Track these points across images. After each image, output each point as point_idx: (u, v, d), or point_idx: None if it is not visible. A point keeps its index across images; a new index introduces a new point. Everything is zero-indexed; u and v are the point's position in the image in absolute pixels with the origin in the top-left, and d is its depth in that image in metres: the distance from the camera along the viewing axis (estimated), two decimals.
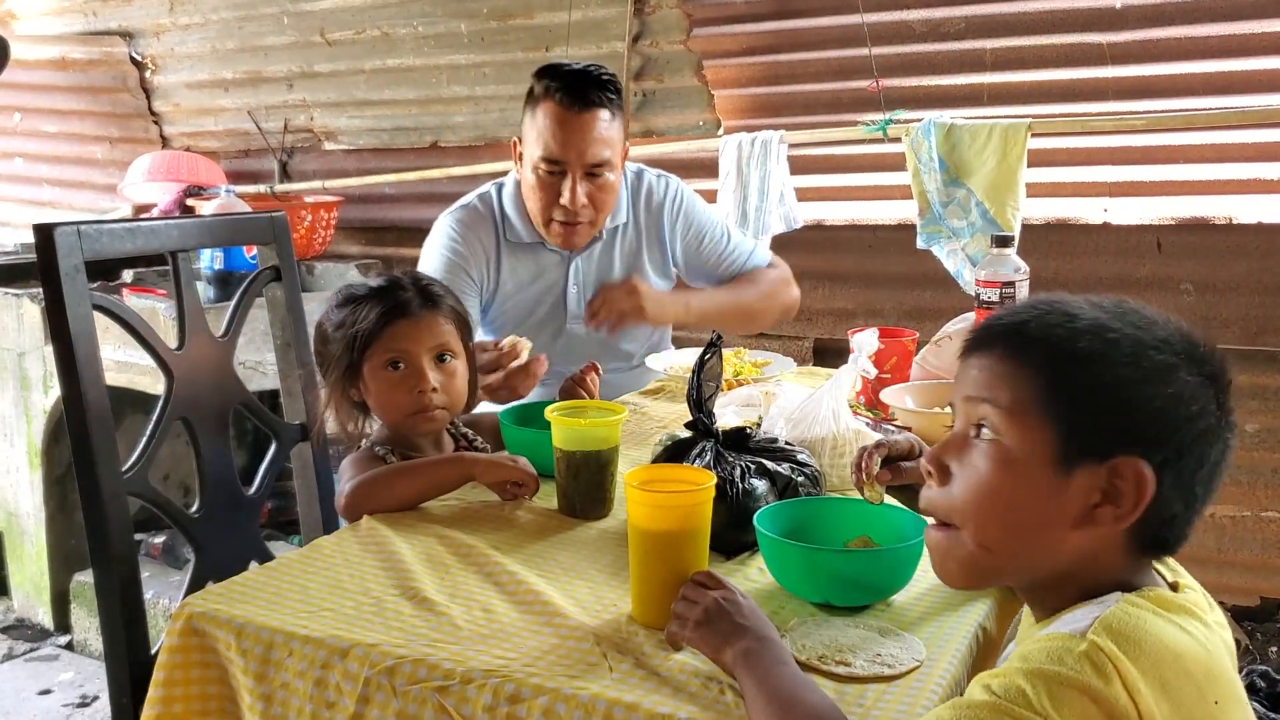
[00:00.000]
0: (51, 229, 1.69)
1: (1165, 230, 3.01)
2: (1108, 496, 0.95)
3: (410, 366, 1.76)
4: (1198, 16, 2.85)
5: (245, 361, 3.07)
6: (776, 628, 1.18)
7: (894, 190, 3.24)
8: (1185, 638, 0.93)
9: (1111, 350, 0.95)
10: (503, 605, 1.32)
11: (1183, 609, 0.95)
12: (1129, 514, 0.94)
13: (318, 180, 4.33)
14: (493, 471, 1.67)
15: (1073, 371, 0.96)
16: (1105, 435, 0.95)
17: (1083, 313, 0.98)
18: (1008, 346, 1.00)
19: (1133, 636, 0.90)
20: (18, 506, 3.53)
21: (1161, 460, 0.94)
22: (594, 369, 2.08)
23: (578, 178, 2.30)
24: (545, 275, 2.48)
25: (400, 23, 3.97)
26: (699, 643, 1.16)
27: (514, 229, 2.45)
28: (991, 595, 1.36)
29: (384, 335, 1.75)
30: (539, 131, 2.30)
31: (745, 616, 1.15)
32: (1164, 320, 0.99)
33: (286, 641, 1.24)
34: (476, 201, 2.49)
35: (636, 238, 2.55)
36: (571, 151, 2.28)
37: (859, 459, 1.43)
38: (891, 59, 3.19)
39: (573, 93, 2.26)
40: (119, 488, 1.73)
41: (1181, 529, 0.98)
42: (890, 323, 3.15)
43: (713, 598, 1.17)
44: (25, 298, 3.40)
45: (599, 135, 2.29)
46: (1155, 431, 0.94)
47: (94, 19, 4.72)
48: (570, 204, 2.31)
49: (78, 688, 3.16)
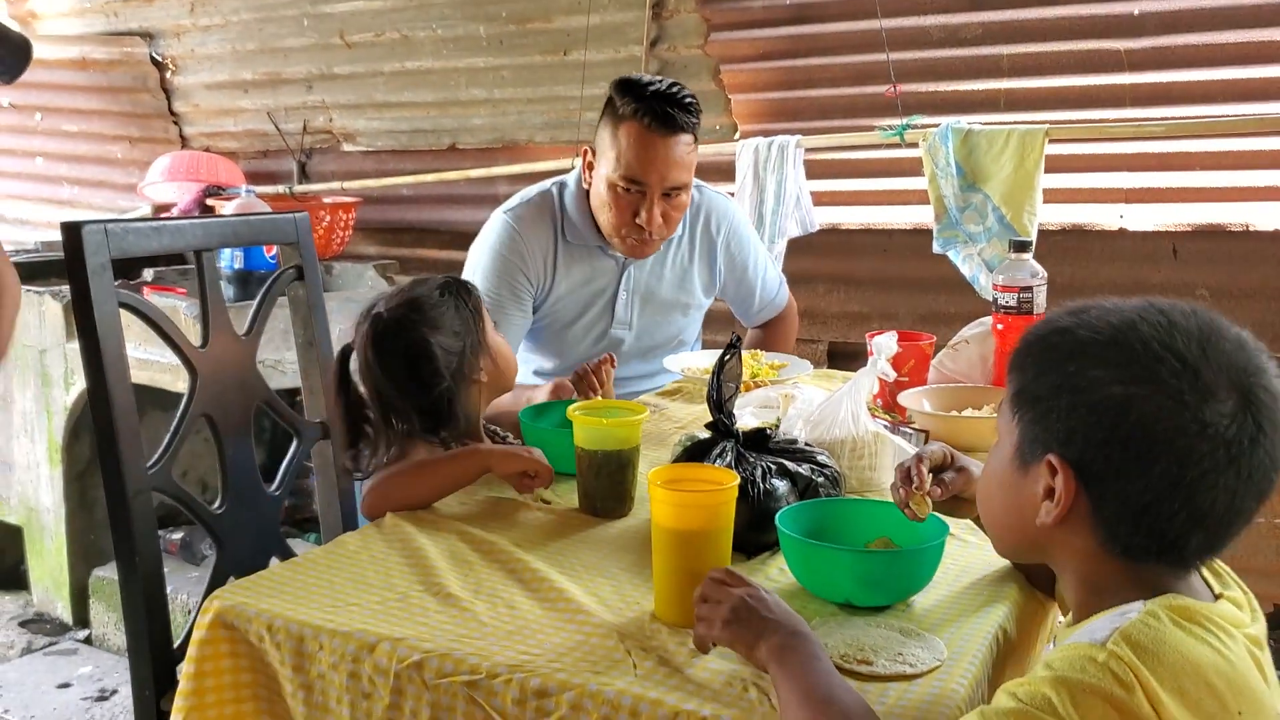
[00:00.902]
0: (80, 227, 1.71)
1: (1181, 236, 3.01)
2: (1048, 492, 1.01)
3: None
4: (1216, 23, 2.85)
5: (265, 360, 3.09)
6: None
7: (910, 195, 3.25)
8: (1206, 649, 0.93)
9: (1053, 354, 1.02)
10: (526, 602, 1.34)
11: (1206, 621, 0.96)
12: (1056, 507, 1.00)
13: (336, 181, 4.35)
14: (507, 462, 1.68)
15: (1025, 377, 1.04)
16: (1043, 435, 1.01)
17: (1076, 319, 1.02)
18: (1019, 351, 1.08)
19: (1151, 648, 0.91)
20: (38, 502, 3.56)
21: (1090, 460, 0.98)
22: (610, 360, 2.11)
23: (655, 198, 2.32)
24: (598, 279, 2.50)
25: (419, 26, 3.99)
26: (730, 641, 1.16)
27: (574, 230, 2.46)
28: (1011, 598, 1.38)
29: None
30: (620, 151, 2.30)
31: (773, 611, 1.15)
32: (1180, 326, 0.98)
33: (316, 635, 1.26)
34: (537, 198, 2.50)
35: (690, 253, 2.59)
36: (654, 175, 2.29)
37: (905, 473, 1.37)
38: (909, 64, 3.20)
39: (659, 117, 2.26)
40: (144, 483, 1.75)
41: (1172, 536, 0.97)
42: (905, 326, 3.14)
43: (738, 595, 1.17)
44: (47, 295, 3.43)
45: (680, 159, 2.31)
46: (1076, 433, 0.98)
47: (115, 19, 4.75)
48: (647, 224, 2.33)
49: (96, 681, 3.19)
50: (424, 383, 1.75)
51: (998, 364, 2.11)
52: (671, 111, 2.26)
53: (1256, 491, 0.97)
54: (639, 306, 2.55)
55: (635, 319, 2.55)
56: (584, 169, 2.44)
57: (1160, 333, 0.97)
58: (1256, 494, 0.97)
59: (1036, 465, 1.02)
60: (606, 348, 2.53)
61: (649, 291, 2.55)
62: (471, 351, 1.80)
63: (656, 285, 2.56)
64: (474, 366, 1.81)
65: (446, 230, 4.23)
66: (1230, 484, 0.95)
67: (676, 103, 2.28)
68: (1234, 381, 0.95)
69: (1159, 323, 0.98)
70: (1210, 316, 1.00)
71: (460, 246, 4.11)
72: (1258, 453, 0.95)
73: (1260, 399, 0.95)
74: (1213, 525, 0.97)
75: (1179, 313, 0.99)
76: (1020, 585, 1.41)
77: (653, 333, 2.58)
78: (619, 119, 2.30)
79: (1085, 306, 1.03)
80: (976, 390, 2.06)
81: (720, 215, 2.61)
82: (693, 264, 2.59)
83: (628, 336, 2.56)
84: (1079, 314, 1.02)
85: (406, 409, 1.77)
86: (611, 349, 2.51)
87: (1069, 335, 1.01)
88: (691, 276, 2.60)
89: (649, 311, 2.56)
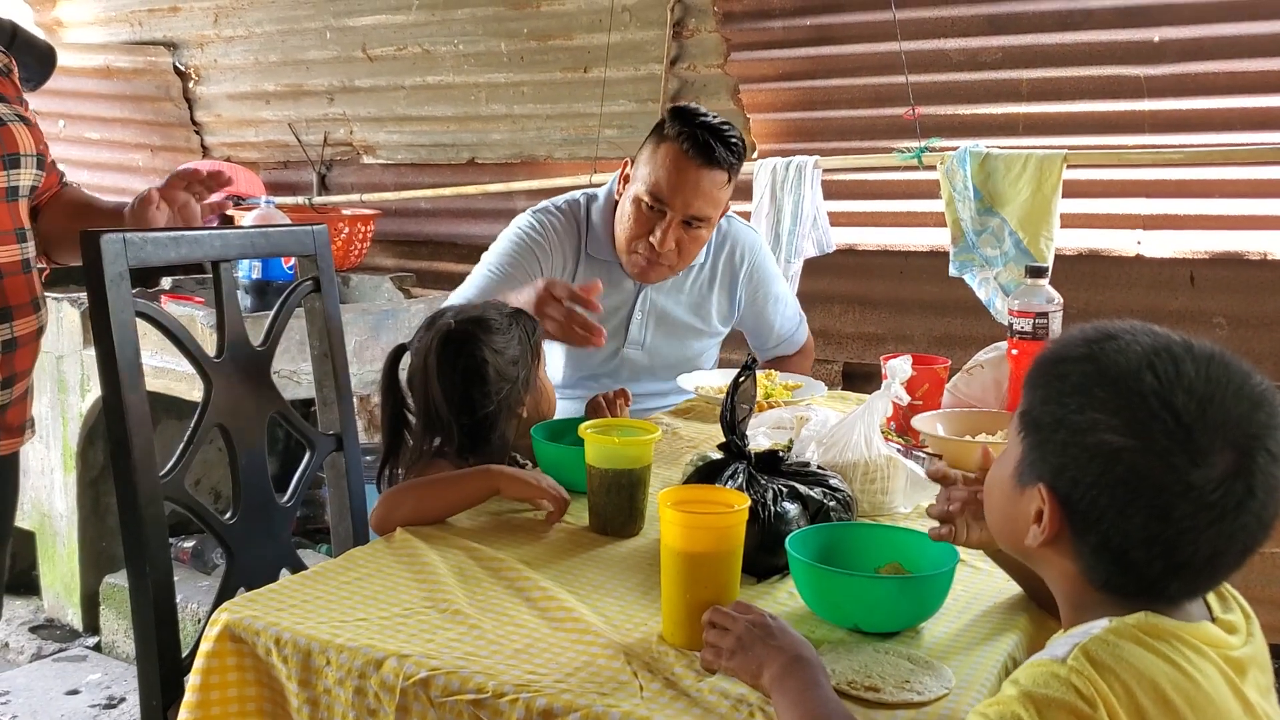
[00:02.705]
0: (98, 236, 1.71)
1: (1199, 264, 3.00)
2: (1038, 516, 1.03)
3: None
4: (1236, 51, 2.84)
5: (281, 370, 3.10)
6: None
7: (927, 217, 3.25)
8: (1165, 666, 0.94)
9: (1060, 386, 1.02)
10: (534, 620, 1.34)
11: (1172, 638, 0.97)
12: (1041, 534, 1.03)
13: (355, 193, 4.37)
14: (516, 487, 1.68)
15: (1031, 401, 1.05)
16: (1040, 461, 1.03)
17: (1089, 349, 1.02)
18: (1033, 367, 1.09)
19: (1107, 663, 0.93)
20: (51, 508, 3.57)
21: (1077, 499, 0.99)
22: (625, 397, 2.11)
23: (674, 223, 2.33)
24: (616, 295, 2.50)
25: (441, 41, 4.01)
26: (736, 671, 1.18)
27: (597, 243, 2.47)
28: (1021, 627, 1.37)
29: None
30: (654, 168, 2.32)
31: (776, 638, 1.17)
32: (1186, 379, 0.96)
33: (323, 649, 1.26)
34: (566, 205, 2.51)
35: (709, 281, 2.59)
36: (678, 199, 2.30)
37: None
38: (928, 87, 3.20)
39: (699, 145, 2.27)
40: (156, 492, 1.75)
41: (1150, 579, 0.98)
42: (920, 349, 3.15)
43: (744, 624, 1.19)
44: (65, 302, 3.45)
45: (708, 192, 2.31)
46: (1067, 469, 1.00)
47: (140, 29, 4.79)
48: (659, 245, 2.33)
49: (105, 689, 3.19)
50: (473, 402, 1.79)
51: (1012, 389, 2.10)
52: (713, 144, 2.28)
53: (1240, 549, 0.98)
54: (653, 328, 2.55)
55: (649, 339, 2.55)
56: (620, 180, 2.45)
57: (1164, 386, 0.96)
58: (1241, 550, 0.98)
59: (1030, 488, 1.04)
60: (618, 368, 2.54)
61: (664, 314, 2.55)
62: (523, 384, 1.85)
63: (673, 309, 2.56)
64: (520, 399, 1.85)
65: (464, 244, 4.24)
66: (1212, 541, 0.96)
67: (721, 138, 2.29)
68: (1233, 442, 0.95)
69: (1166, 373, 0.97)
70: (1228, 366, 0.98)
71: (477, 260, 4.13)
72: (1243, 516, 0.95)
73: (1257, 462, 0.95)
74: (1192, 574, 0.99)
75: (1194, 360, 0.97)
76: (1031, 614, 1.40)
77: (665, 355, 2.58)
78: (662, 138, 2.32)
79: (1105, 334, 1.02)
80: (990, 415, 2.05)
81: (746, 247, 2.61)
82: (712, 291, 2.59)
83: (640, 357, 2.56)
84: (1096, 344, 1.02)
85: (449, 423, 1.79)
86: (623, 368, 2.52)
87: (1078, 367, 1.02)
88: (709, 304, 2.60)
89: (663, 333, 2.56)
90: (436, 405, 1.79)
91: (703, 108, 2.36)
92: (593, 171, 3.67)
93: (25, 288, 1.91)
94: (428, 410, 1.81)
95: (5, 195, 1.87)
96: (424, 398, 1.81)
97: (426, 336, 1.83)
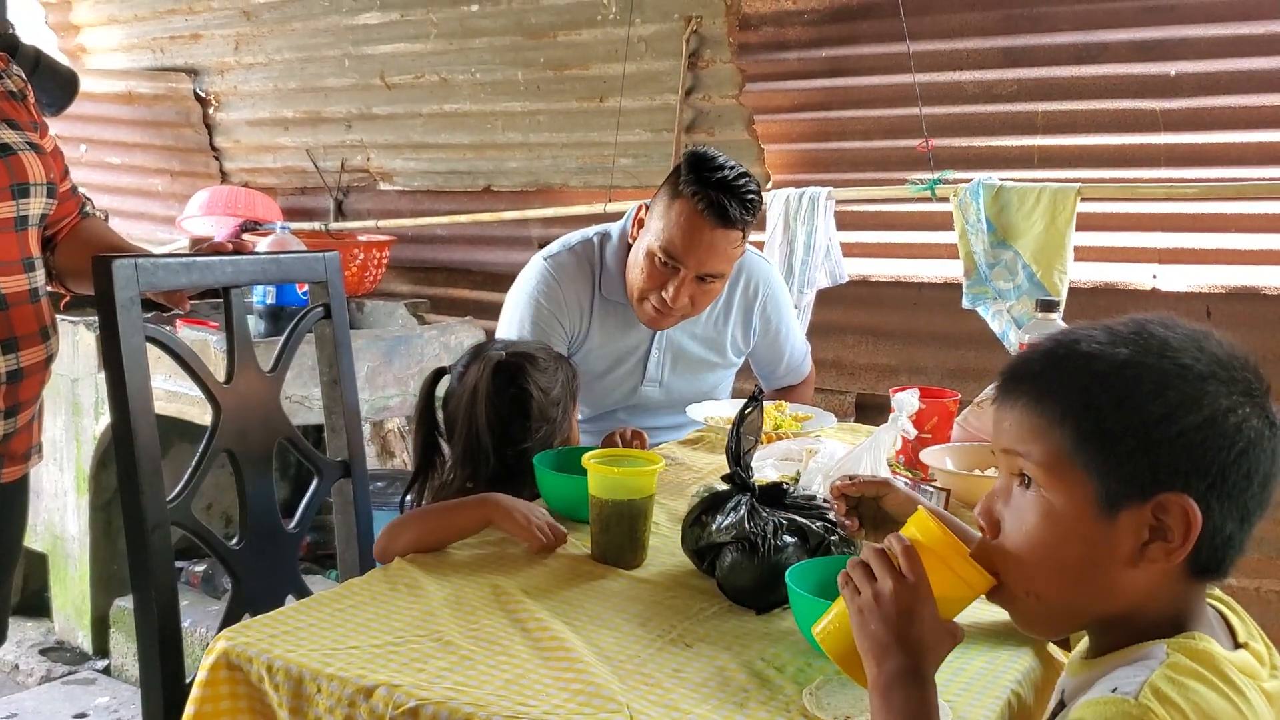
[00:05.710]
0: (110, 261, 1.73)
1: (1215, 298, 2.98)
2: (1156, 533, 0.96)
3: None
4: (1252, 86, 2.83)
5: (291, 396, 3.11)
6: (801, 686, 1.17)
7: (940, 249, 3.24)
8: (1226, 705, 0.93)
9: (1134, 390, 0.96)
10: (525, 651, 1.33)
11: (1225, 673, 0.95)
12: (1179, 548, 0.95)
13: (371, 219, 4.39)
14: (509, 521, 1.68)
15: (1099, 419, 0.96)
16: (1143, 476, 0.95)
17: (1102, 351, 0.98)
18: (1031, 397, 1.01)
19: (1178, 703, 0.91)
20: (64, 530, 3.59)
21: (1206, 487, 0.94)
22: (641, 440, 2.12)
23: (688, 280, 2.30)
24: (632, 335, 2.50)
25: (459, 69, 4.04)
26: (859, 635, 1.08)
27: (611, 284, 2.45)
28: (1024, 663, 1.35)
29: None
30: (668, 224, 2.28)
31: (912, 628, 1.07)
32: (1188, 338, 0.98)
33: (315, 677, 1.26)
34: (579, 246, 2.49)
35: (725, 315, 2.58)
36: (693, 259, 2.28)
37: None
38: (942, 119, 3.20)
39: (715, 207, 2.22)
40: (163, 517, 1.76)
41: (1237, 548, 0.99)
42: (933, 380, 3.14)
43: (892, 592, 1.07)
44: (81, 325, 3.47)
45: (723, 252, 2.29)
46: (1193, 463, 0.94)
47: (161, 55, 4.84)
48: (671, 301, 2.31)
49: (113, 712, 3.19)
50: (514, 434, 1.84)
51: None
52: (728, 205, 2.23)
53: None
54: (670, 365, 2.54)
55: (666, 377, 2.55)
56: (634, 224, 2.43)
57: (1221, 355, 0.99)
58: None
59: (1130, 510, 0.95)
60: (636, 404, 2.54)
61: (681, 351, 2.54)
62: (559, 425, 1.89)
63: (689, 345, 2.55)
64: (552, 441, 1.89)
65: (479, 271, 4.26)
66: (1276, 483, 0.98)
67: (737, 197, 2.24)
68: (1255, 384, 1.00)
69: (1208, 345, 0.99)
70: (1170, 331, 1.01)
71: (491, 287, 4.17)
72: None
73: (1268, 398, 1.01)
74: (1253, 528, 0.99)
75: (1192, 331, 1.00)
76: (1036, 649, 1.39)
77: (683, 390, 2.57)
78: (677, 193, 2.27)
79: (1120, 335, 1.00)
80: None
81: (761, 280, 2.60)
82: (727, 324, 2.58)
83: (658, 394, 2.55)
84: (1125, 343, 0.98)
85: (488, 452, 1.82)
86: (641, 406, 2.53)
87: (1140, 366, 0.97)
88: (725, 337, 2.59)
89: (680, 369, 2.56)
90: (479, 431, 1.82)
91: (720, 155, 2.30)
92: (607, 200, 3.68)
93: (33, 317, 1.90)
94: (468, 436, 1.83)
95: (14, 225, 1.86)
96: (468, 423, 1.84)
97: (476, 364, 1.87)
